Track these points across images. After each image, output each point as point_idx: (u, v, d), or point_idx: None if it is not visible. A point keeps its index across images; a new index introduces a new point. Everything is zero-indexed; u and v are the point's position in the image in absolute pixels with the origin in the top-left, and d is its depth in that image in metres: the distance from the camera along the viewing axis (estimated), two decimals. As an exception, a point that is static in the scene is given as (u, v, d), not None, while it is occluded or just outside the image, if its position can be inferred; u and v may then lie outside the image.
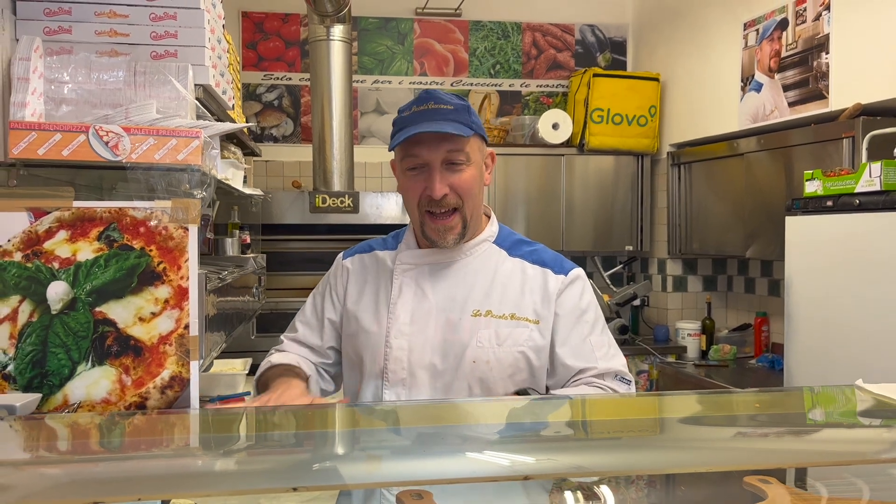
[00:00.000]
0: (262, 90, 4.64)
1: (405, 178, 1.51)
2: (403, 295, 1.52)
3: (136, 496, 0.66)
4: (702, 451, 0.85)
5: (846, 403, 0.99)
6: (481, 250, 1.56)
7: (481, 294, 1.51)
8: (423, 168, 1.47)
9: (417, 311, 1.51)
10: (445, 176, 1.46)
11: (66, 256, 1.26)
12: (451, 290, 1.52)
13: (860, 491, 0.88)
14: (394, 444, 0.92)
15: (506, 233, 1.62)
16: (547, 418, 1.18)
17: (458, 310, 1.50)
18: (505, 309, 1.50)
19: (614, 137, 4.42)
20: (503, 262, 1.55)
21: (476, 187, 1.50)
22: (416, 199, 1.49)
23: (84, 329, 1.26)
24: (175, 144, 1.33)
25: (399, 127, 1.49)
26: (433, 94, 1.49)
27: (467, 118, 1.47)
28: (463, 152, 1.46)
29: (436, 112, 1.45)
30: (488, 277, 1.53)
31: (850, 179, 2.33)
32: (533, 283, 1.53)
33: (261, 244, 3.50)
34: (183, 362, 1.28)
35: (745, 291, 4.31)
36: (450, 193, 1.46)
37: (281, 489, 0.65)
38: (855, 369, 2.33)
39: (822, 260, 2.42)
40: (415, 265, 1.54)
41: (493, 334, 1.48)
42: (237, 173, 2.31)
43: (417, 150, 1.46)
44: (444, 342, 1.48)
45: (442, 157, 1.45)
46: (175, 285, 1.30)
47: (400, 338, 1.49)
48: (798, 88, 3.35)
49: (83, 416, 1.15)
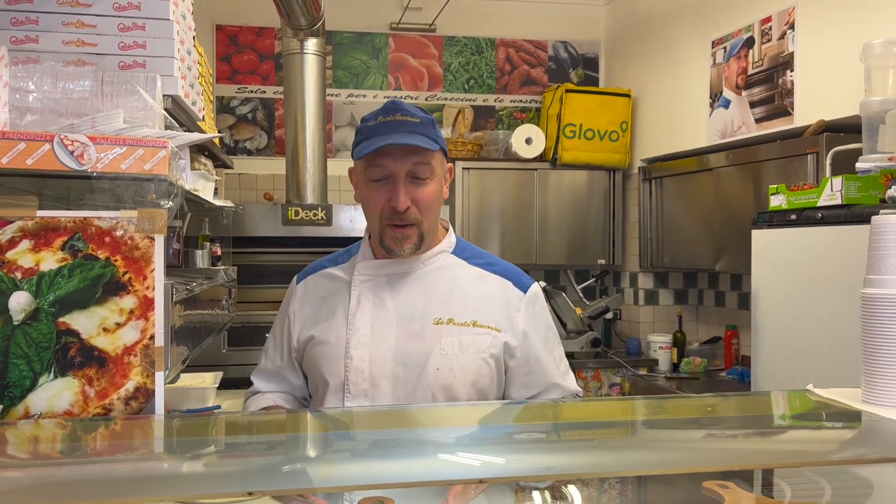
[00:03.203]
0: (235, 103, 4.63)
1: (367, 188, 1.49)
2: (362, 306, 1.51)
3: (96, 501, 0.65)
4: (653, 451, 0.86)
5: (797, 406, 1.01)
6: (440, 260, 1.56)
7: (442, 302, 1.50)
8: (388, 180, 1.45)
9: (377, 321, 1.49)
10: (409, 189, 1.45)
11: (29, 266, 1.25)
12: (411, 300, 1.51)
13: (822, 489, 0.90)
14: (355, 448, 0.92)
15: (463, 244, 1.62)
16: (513, 421, 1.18)
17: (419, 318, 1.49)
18: (466, 316, 1.50)
19: (586, 152, 4.47)
20: (462, 271, 1.56)
21: (437, 202, 1.50)
22: (378, 210, 1.47)
23: (46, 340, 1.24)
24: (142, 154, 1.32)
25: (364, 136, 1.47)
26: (400, 106, 1.47)
27: (433, 132, 1.47)
28: (429, 166, 1.46)
29: (403, 124, 1.44)
30: (448, 286, 1.53)
31: (813, 193, 2.38)
32: (493, 292, 1.54)
33: (232, 257, 3.48)
34: (148, 373, 1.27)
35: (715, 305, 4.37)
36: (412, 207, 1.45)
37: (236, 495, 0.65)
38: (820, 379, 2.37)
39: (787, 272, 2.46)
40: (372, 276, 1.53)
41: (455, 342, 1.47)
42: (207, 185, 2.30)
43: (383, 161, 1.44)
44: (406, 351, 1.48)
45: (407, 169, 1.44)
46: (140, 295, 1.29)
47: (360, 349, 1.48)
48: (764, 105, 3.42)
49: (44, 423, 1.14)
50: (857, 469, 0.88)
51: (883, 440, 0.85)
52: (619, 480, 0.94)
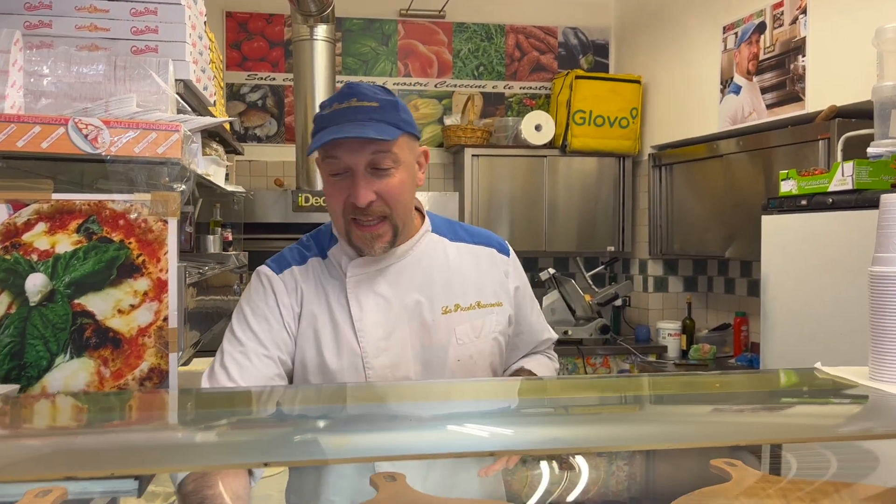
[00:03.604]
0: (245, 90, 4.64)
1: (328, 182, 1.36)
2: (365, 308, 1.38)
3: (110, 471, 0.67)
4: (662, 425, 0.87)
5: (805, 383, 1.02)
6: (425, 242, 1.46)
7: (443, 289, 1.43)
8: (346, 173, 1.33)
9: (386, 322, 1.39)
10: (371, 182, 1.31)
11: (45, 248, 1.26)
12: (412, 292, 1.41)
13: (828, 462, 0.91)
14: (367, 421, 0.94)
15: (437, 220, 1.52)
16: (522, 396, 1.20)
17: (427, 311, 1.41)
18: (470, 298, 1.44)
19: (596, 139, 4.46)
20: (448, 249, 1.48)
21: (406, 193, 1.36)
22: (339, 207, 1.34)
23: (62, 321, 1.26)
24: (155, 138, 1.34)
25: (318, 126, 1.34)
26: (356, 90, 1.34)
27: (395, 116, 1.32)
28: (390, 155, 1.31)
29: (358, 111, 1.30)
30: (442, 268, 1.45)
31: (824, 179, 2.38)
32: (485, 264, 1.49)
33: (243, 243, 3.50)
34: (162, 354, 1.29)
35: (724, 292, 4.36)
36: (376, 201, 1.32)
37: (253, 465, 0.67)
38: (829, 365, 2.37)
39: (797, 258, 2.46)
40: (366, 273, 1.40)
41: (469, 328, 1.43)
42: (219, 170, 2.32)
43: (339, 153, 1.31)
44: (424, 348, 1.40)
45: (366, 161, 1.30)
46: (154, 278, 1.30)
47: (380, 356, 1.37)
48: (775, 91, 3.40)
49: (62, 396, 1.16)
50: (863, 443, 0.89)
51: (890, 415, 0.86)
52: (626, 461, 0.95)
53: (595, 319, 4.27)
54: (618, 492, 1.30)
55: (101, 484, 0.84)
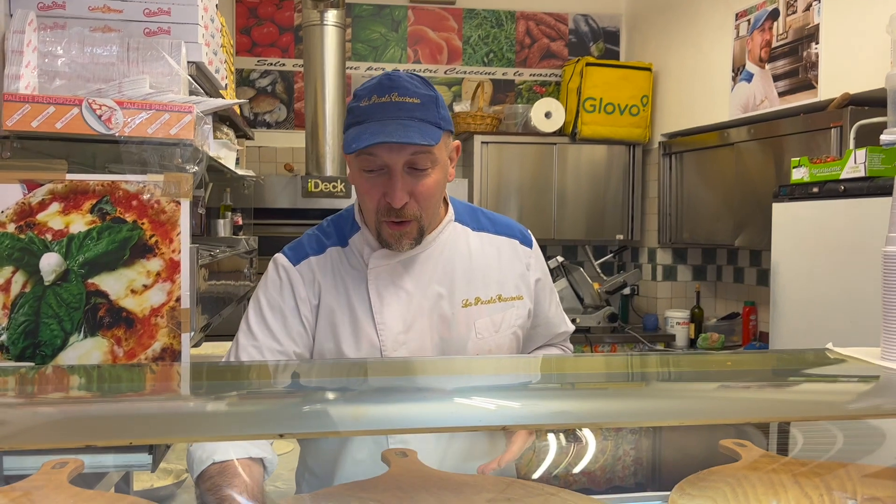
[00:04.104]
0: (255, 76, 4.64)
1: (360, 177, 1.32)
2: (386, 301, 1.36)
3: (128, 440, 0.68)
4: (676, 400, 0.87)
5: (816, 363, 1.02)
6: (448, 232, 1.44)
7: (464, 281, 1.41)
8: (382, 171, 1.28)
9: (407, 315, 1.37)
10: (407, 182, 1.28)
11: (59, 228, 1.27)
12: (433, 285, 1.39)
13: (834, 437, 0.91)
14: (380, 395, 0.95)
15: (460, 209, 1.49)
16: (532, 372, 1.20)
17: (447, 304, 1.39)
18: (491, 291, 1.42)
19: (606, 127, 4.44)
20: (471, 240, 1.45)
21: (438, 192, 1.34)
22: (373, 204, 1.31)
23: (76, 300, 1.27)
24: (168, 119, 1.34)
25: (355, 119, 1.29)
26: (397, 83, 1.28)
27: (435, 114, 1.28)
28: (429, 156, 1.28)
29: (400, 107, 1.25)
30: (465, 261, 1.42)
31: (836, 166, 2.36)
32: (507, 256, 1.47)
33: (253, 228, 3.51)
34: (174, 334, 1.30)
35: (733, 281, 4.35)
36: (410, 202, 1.29)
37: (269, 436, 0.67)
38: (838, 353, 2.36)
39: (808, 246, 2.45)
40: (387, 264, 1.37)
41: (489, 322, 1.40)
42: (230, 154, 2.32)
43: (377, 151, 1.26)
44: (443, 341, 1.38)
45: (405, 160, 1.27)
46: (167, 258, 1.31)
47: (399, 349, 1.36)
48: (788, 78, 3.38)
49: (77, 367, 1.17)
50: (872, 421, 0.89)
51: (900, 393, 0.86)
52: (636, 439, 0.95)
53: (603, 308, 4.27)
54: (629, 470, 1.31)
55: (116, 457, 0.85)
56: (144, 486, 1.77)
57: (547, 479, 1.24)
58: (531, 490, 0.85)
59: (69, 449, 0.87)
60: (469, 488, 0.86)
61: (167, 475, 1.87)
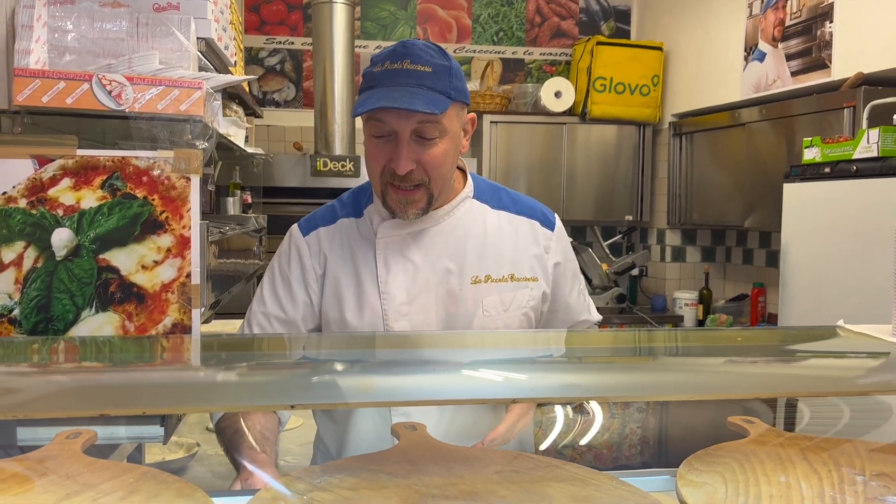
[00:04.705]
0: (264, 54, 4.63)
1: (369, 143, 1.34)
2: (392, 271, 1.37)
3: (141, 409, 0.69)
4: (687, 374, 0.87)
5: (826, 339, 1.02)
6: (463, 209, 1.43)
7: (476, 258, 1.40)
8: (390, 137, 1.30)
9: (412, 287, 1.37)
10: (414, 149, 1.29)
11: (71, 204, 1.28)
12: (443, 259, 1.38)
13: (841, 412, 0.91)
14: (387, 367, 0.95)
15: (482, 186, 1.48)
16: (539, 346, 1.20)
17: (455, 279, 1.38)
18: (503, 270, 1.40)
19: (617, 106, 4.42)
20: (488, 218, 1.44)
21: (448, 162, 1.33)
22: (378, 168, 1.33)
23: (88, 276, 1.28)
24: (177, 95, 1.34)
25: (367, 84, 1.31)
26: (411, 50, 1.29)
27: (446, 83, 1.28)
28: (437, 125, 1.29)
29: (410, 74, 1.26)
30: (479, 238, 1.41)
31: (849, 146, 2.34)
32: (524, 237, 1.45)
33: (262, 206, 3.52)
34: (185, 310, 1.31)
35: (742, 262, 4.34)
36: (416, 169, 1.30)
37: (281, 406, 0.68)
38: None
39: (819, 226, 2.44)
40: (397, 235, 1.38)
41: (497, 300, 1.39)
42: (239, 131, 2.32)
43: (384, 117, 1.28)
44: (448, 316, 1.38)
45: (412, 128, 1.28)
46: (177, 234, 1.32)
47: (400, 320, 1.36)
48: (801, 58, 3.34)
49: (89, 338, 1.19)
50: (880, 396, 0.89)
51: (910, 369, 0.86)
52: (647, 414, 0.95)
53: (611, 289, 4.27)
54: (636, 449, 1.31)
55: (128, 429, 0.86)
56: (156, 458, 1.79)
57: (555, 454, 1.25)
58: (538, 463, 0.86)
59: (82, 420, 0.88)
60: (477, 461, 0.86)
61: (179, 448, 1.89)
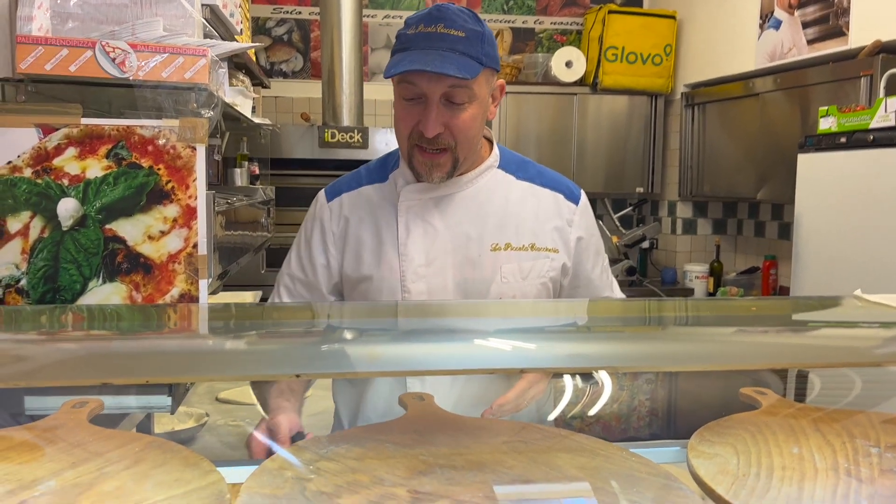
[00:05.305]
0: (271, 24, 4.58)
1: (399, 105, 1.37)
2: (412, 234, 1.40)
3: (144, 378, 0.68)
4: (699, 344, 0.86)
5: (843, 308, 1.00)
6: (487, 177, 1.45)
7: (497, 226, 1.41)
8: (420, 100, 1.32)
9: (431, 250, 1.39)
10: (442, 112, 1.31)
11: (76, 173, 1.27)
12: (464, 225, 1.41)
13: (853, 382, 0.90)
14: (393, 336, 0.94)
15: (508, 155, 1.51)
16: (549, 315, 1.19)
17: (475, 246, 1.40)
18: (524, 240, 1.42)
19: (628, 76, 4.36)
20: (512, 188, 1.45)
21: (475, 127, 1.36)
22: (407, 131, 1.36)
23: (94, 246, 1.28)
24: (182, 62, 1.32)
25: (400, 46, 1.34)
26: (445, 14, 1.30)
27: (478, 49, 1.31)
28: (466, 90, 1.31)
29: (443, 38, 1.28)
30: (500, 207, 1.43)
31: (865, 115, 2.30)
32: (547, 208, 1.45)
33: (270, 178, 3.50)
34: (192, 281, 1.30)
35: (754, 235, 4.30)
36: (444, 132, 1.32)
37: (285, 376, 0.67)
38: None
39: (833, 197, 2.40)
40: (419, 200, 1.41)
41: (516, 268, 1.40)
42: (246, 101, 2.30)
43: (415, 80, 1.30)
44: (465, 281, 1.40)
45: (441, 91, 1.30)
46: (183, 204, 1.31)
47: (417, 281, 1.39)
48: (818, 25, 3.27)
49: (97, 306, 1.19)
50: (892, 367, 0.88)
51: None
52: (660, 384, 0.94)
53: (622, 261, 4.25)
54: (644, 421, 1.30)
55: (135, 399, 0.85)
56: (165, 428, 1.80)
57: (563, 424, 1.25)
58: (546, 434, 0.85)
59: (91, 389, 0.88)
60: (485, 431, 0.86)
61: (188, 418, 1.90)
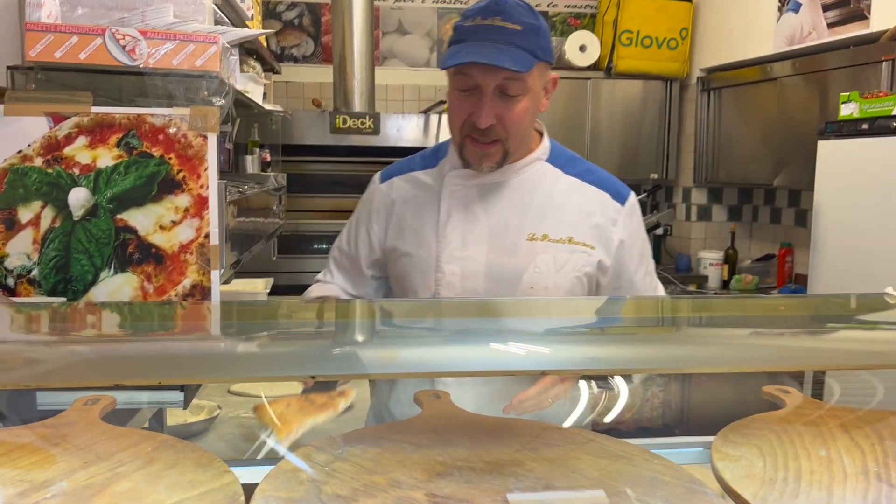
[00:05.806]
0: (282, 8, 4.54)
1: (453, 95, 1.39)
2: (453, 218, 1.43)
3: (157, 380, 0.67)
4: (721, 347, 0.84)
5: (873, 308, 0.98)
6: (534, 169, 1.45)
7: (537, 217, 1.42)
8: (474, 91, 1.34)
9: (469, 234, 1.43)
10: (496, 105, 1.33)
11: (87, 163, 1.25)
12: (504, 213, 1.43)
13: (875, 388, 0.88)
14: (411, 336, 0.93)
15: (558, 150, 1.50)
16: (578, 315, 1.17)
17: (512, 233, 1.42)
18: (562, 232, 1.42)
19: (643, 61, 4.30)
20: (558, 182, 1.46)
21: (527, 119, 1.38)
22: (460, 121, 1.38)
23: (106, 236, 1.26)
24: (193, 50, 1.30)
25: (457, 37, 1.35)
26: (503, 7, 1.32)
27: (534, 42, 1.32)
28: (521, 83, 1.33)
29: (500, 31, 1.30)
30: (543, 199, 1.44)
31: (888, 101, 2.25)
32: (590, 205, 1.45)
33: (281, 164, 3.48)
34: (203, 271, 1.29)
35: (770, 222, 4.25)
36: (496, 124, 1.35)
37: (299, 378, 0.66)
38: (880, 297, 2.29)
39: (854, 185, 2.36)
40: (463, 186, 1.44)
41: (550, 259, 1.41)
42: (257, 88, 2.28)
43: (471, 71, 1.32)
44: (499, 267, 1.41)
45: (496, 83, 1.32)
46: (195, 194, 1.29)
47: (452, 262, 1.42)
48: (838, 8, 3.21)
49: (108, 304, 1.17)
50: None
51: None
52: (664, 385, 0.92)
53: (635, 247, 4.21)
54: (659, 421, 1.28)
55: (148, 394, 0.84)
56: (178, 421, 1.80)
57: (580, 426, 1.22)
58: (568, 435, 0.83)
59: (102, 386, 0.87)
60: (504, 431, 0.84)
61: (200, 410, 1.90)
